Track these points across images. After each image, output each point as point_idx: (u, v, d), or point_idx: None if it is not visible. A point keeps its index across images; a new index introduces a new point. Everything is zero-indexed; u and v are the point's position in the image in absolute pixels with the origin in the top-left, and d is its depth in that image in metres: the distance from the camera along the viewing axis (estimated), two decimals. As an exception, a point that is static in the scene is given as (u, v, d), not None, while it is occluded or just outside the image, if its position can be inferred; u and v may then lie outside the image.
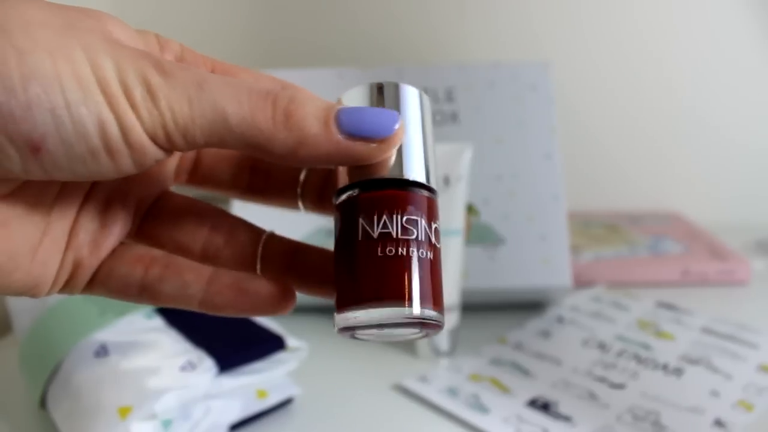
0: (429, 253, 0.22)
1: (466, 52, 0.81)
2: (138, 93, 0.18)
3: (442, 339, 0.48)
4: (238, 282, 0.23)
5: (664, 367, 0.46)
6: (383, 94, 0.22)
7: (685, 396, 0.42)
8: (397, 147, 0.21)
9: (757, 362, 0.47)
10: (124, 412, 0.34)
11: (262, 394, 0.40)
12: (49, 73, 0.17)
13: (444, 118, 0.59)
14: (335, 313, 0.22)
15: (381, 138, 0.20)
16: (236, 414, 0.39)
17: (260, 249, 0.25)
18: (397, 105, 0.22)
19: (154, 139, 0.19)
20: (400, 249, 0.21)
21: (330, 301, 0.23)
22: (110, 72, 0.18)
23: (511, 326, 0.54)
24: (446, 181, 0.47)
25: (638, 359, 0.48)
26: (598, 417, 0.40)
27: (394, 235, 0.21)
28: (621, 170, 0.84)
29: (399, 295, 0.21)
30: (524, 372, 0.46)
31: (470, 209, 0.55)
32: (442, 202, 0.47)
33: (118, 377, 0.36)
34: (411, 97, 0.23)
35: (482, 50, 0.81)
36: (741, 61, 0.80)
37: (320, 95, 0.22)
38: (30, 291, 0.21)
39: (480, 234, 0.55)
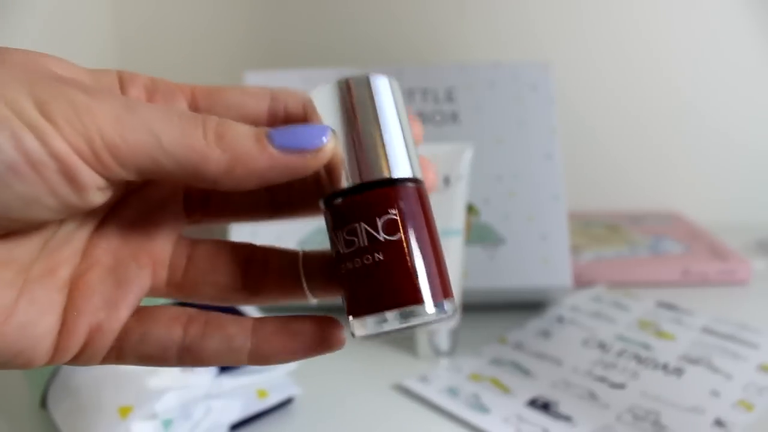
0: (425, 243, 0.22)
1: (466, 52, 0.81)
2: (56, 107, 0.18)
3: (443, 339, 0.48)
4: (283, 327, 0.23)
5: (665, 367, 0.46)
6: (351, 91, 0.22)
7: (685, 396, 0.42)
8: (329, 156, 0.21)
9: (758, 362, 0.47)
10: (125, 411, 0.35)
11: (262, 393, 0.40)
12: None
13: (444, 118, 0.59)
14: (351, 319, 0.22)
15: (314, 148, 0.20)
16: (237, 414, 0.39)
17: (302, 270, 0.24)
18: (369, 98, 0.22)
19: (80, 155, 0.18)
20: (387, 252, 0.21)
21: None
22: (23, 95, 0.17)
23: (512, 326, 0.54)
24: (446, 181, 0.47)
25: (638, 359, 0.48)
26: (598, 417, 0.40)
27: (381, 239, 0.21)
28: (621, 170, 0.84)
29: (411, 298, 0.21)
30: (524, 372, 0.46)
31: (470, 209, 0.55)
32: (442, 202, 0.47)
33: (119, 377, 0.36)
34: (382, 87, 0.23)
35: (482, 50, 0.81)
36: (741, 61, 0.80)
37: None
38: (14, 361, 0.20)
39: (480, 234, 0.55)
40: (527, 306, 0.57)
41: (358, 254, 0.21)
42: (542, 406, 0.42)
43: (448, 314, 0.22)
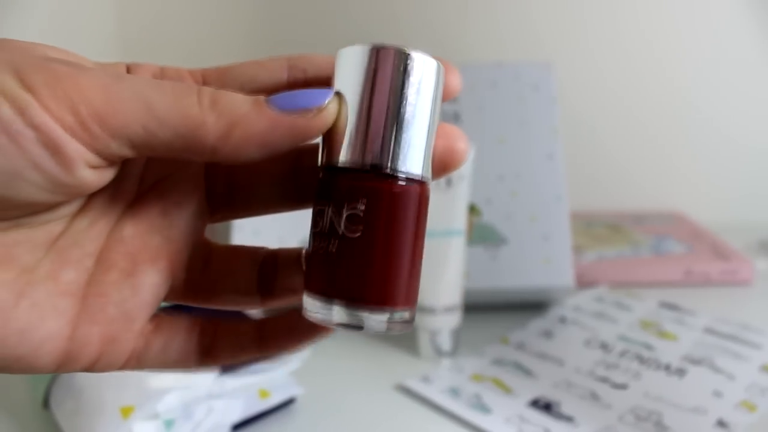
0: (394, 248, 0.20)
1: (468, 52, 0.80)
2: (37, 78, 0.17)
3: (444, 339, 0.48)
4: (283, 318, 0.23)
5: (667, 368, 0.46)
6: (379, 61, 0.20)
7: (687, 396, 0.42)
8: (333, 117, 0.19)
9: (760, 362, 0.47)
10: (127, 411, 0.35)
11: (264, 393, 0.40)
12: None
13: (446, 117, 0.59)
14: (305, 295, 0.21)
15: (315, 107, 0.19)
16: (238, 414, 0.39)
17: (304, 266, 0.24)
18: (396, 75, 0.20)
19: (63, 124, 0.17)
20: (342, 247, 0.20)
21: None
22: (4, 71, 0.17)
23: (514, 326, 0.54)
24: (448, 181, 0.47)
25: (641, 359, 0.48)
26: (600, 417, 0.40)
27: (339, 232, 0.20)
28: (624, 170, 0.84)
29: (359, 298, 0.20)
30: (526, 372, 0.46)
31: (472, 209, 0.55)
32: (444, 202, 0.47)
33: (121, 377, 0.36)
34: (416, 68, 0.20)
35: (485, 50, 0.80)
36: (744, 61, 0.79)
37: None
38: (15, 365, 0.19)
39: (482, 234, 0.55)
40: (529, 306, 0.57)
41: (318, 237, 0.20)
42: (544, 406, 0.42)
43: (400, 323, 0.20)
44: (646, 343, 0.50)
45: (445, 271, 0.47)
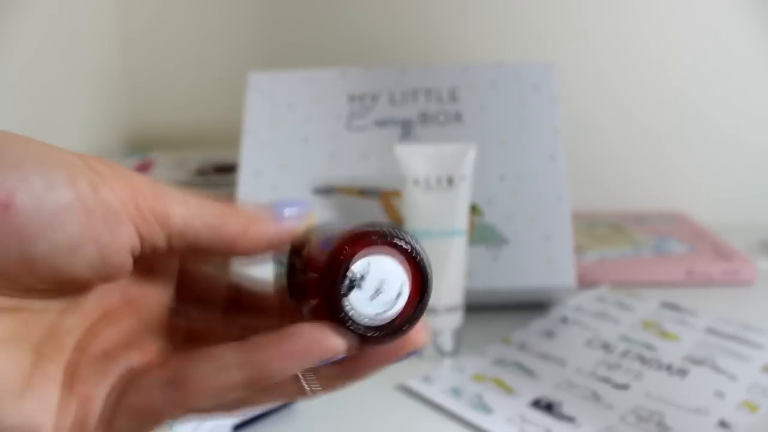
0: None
1: (469, 52, 0.80)
2: (102, 168, 0.20)
3: (446, 339, 0.48)
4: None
5: (669, 368, 0.46)
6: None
7: (689, 397, 0.42)
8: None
9: (762, 363, 0.47)
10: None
11: (265, 394, 0.40)
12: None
13: (447, 118, 0.59)
14: None
15: (307, 212, 0.24)
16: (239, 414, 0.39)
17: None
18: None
19: (126, 208, 0.20)
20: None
21: None
22: (75, 158, 0.20)
23: (515, 326, 0.54)
24: (450, 181, 0.47)
25: (642, 360, 0.48)
26: (601, 418, 0.40)
27: None
28: (625, 170, 0.83)
29: None
30: (528, 372, 0.46)
31: (474, 209, 0.55)
32: (445, 202, 0.47)
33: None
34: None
35: (486, 50, 0.80)
36: (746, 60, 0.79)
37: (324, 95, 0.23)
38: None
39: (483, 234, 0.55)
40: (531, 306, 0.57)
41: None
42: (546, 406, 0.42)
43: None
44: (647, 344, 0.50)
45: (446, 271, 0.47)
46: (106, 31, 0.82)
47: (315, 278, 0.21)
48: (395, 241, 0.21)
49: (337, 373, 0.22)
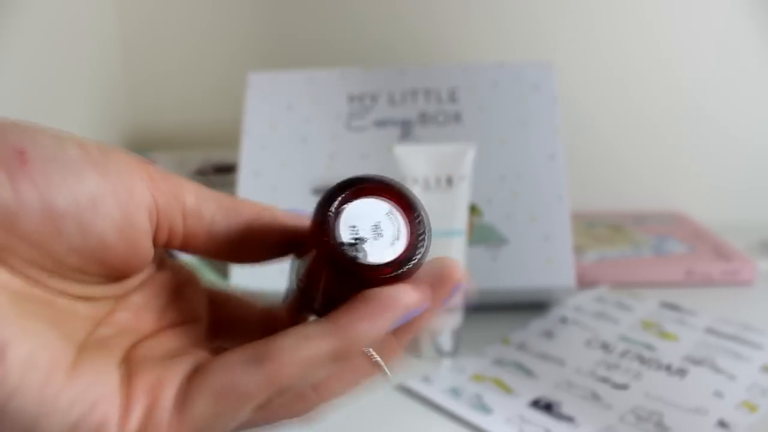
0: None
1: (469, 52, 0.80)
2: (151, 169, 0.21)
3: (445, 339, 0.48)
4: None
5: (668, 368, 0.46)
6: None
7: (688, 397, 0.42)
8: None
9: (762, 363, 0.47)
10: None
11: (265, 394, 0.40)
12: None
13: (447, 118, 0.59)
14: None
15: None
16: (239, 414, 0.39)
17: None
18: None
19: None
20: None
21: None
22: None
23: (514, 326, 0.54)
24: (449, 181, 0.47)
25: (642, 360, 0.48)
26: (601, 418, 0.40)
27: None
28: (625, 170, 0.83)
29: None
30: (527, 372, 0.46)
31: (473, 209, 0.55)
32: (444, 202, 0.47)
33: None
34: None
35: (486, 50, 0.80)
36: (746, 60, 0.79)
37: (324, 96, 0.23)
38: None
39: (483, 234, 0.55)
40: (530, 306, 0.57)
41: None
42: (545, 406, 0.42)
43: None
44: (647, 344, 0.50)
45: (445, 271, 0.47)
46: (106, 31, 0.83)
47: (313, 250, 0.21)
48: (365, 184, 0.21)
49: (396, 335, 0.22)
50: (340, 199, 0.21)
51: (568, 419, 0.40)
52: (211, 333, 0.25)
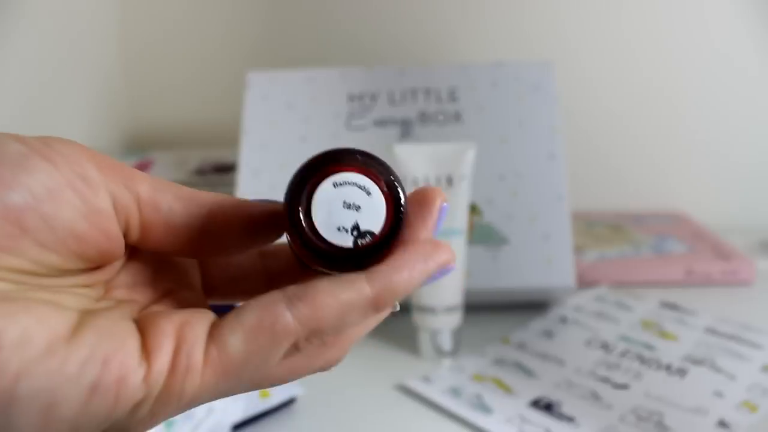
0: None
1: (469, 52, 0.80)
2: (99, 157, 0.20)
3: (445, 339, 0.48)
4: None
5: (668, 368, 0.46)
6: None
7: (688, 396, 0.42)
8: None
9: (762, 363, 0.47)
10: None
11: (264, 394, 0.40)
12: None
13: (447, 117, 0.59)
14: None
15: None
16: (239, 414, 0.39)
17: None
18: None
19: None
20: None
21: None
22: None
23: (514, 326, 0.53)
24: (449, 180, 0.47)
25: (642, 359, 0.48)
26: (601, 417, 0.40)
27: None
28: (625, 170, 0.83)
29: None
30: (527, 372, 0.46)
31: (473, 209, 0.55)
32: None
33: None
34: None
35: (485, 50, 0.80)
36: (745, 61, 0.79)
37: (323, 95, 0.22)
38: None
39: (483, 234, 0.55)
40: (530, 306, 0.57)
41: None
42: (545, 406, 0.42)
43: None
44: (647, 343, 0.50)
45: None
46: (106, 31, 0.82)
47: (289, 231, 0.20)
48: (324, 167, 0.20)
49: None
50: (305, 191, 0.20)
51: (568, 419, 0.40)
52: (211, 294, 0.25)
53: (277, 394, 0.41)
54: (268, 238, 0.23)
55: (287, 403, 0.42)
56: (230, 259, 0.25)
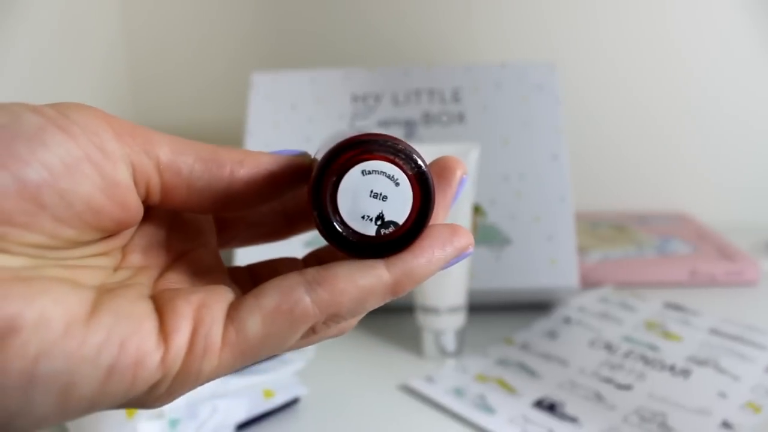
0: None
1: (472, 53, 0.80)
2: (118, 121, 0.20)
3: (449, 339, 0.48)
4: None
5: (672, 368, 0.46)
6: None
7: (692, 397, 0.42)
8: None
9: (766, 363, 0.47)
10: (132, 411, 0.35)
11: (268, 393, 0.40)
12: None
13: (451, 118, 0.59)
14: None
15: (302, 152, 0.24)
16: (243, 413, 0.39)
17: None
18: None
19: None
20: None
21: None
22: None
23: (518, 327, 0.54)
24: (452, 181, 0.47)
25: (645, 360, 0.47)
26: (604, 418, 0.40)
27: None
28: (628, 170, 0.83)
29: None
30: (531, 372, 0.46)
31: (477, 210, 0.55)
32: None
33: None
34: None
35: (489, 50, 0.80)
36: (750, 60, 0.79)
37: (327, 96, 0.22)
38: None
39: (486, 234, 0.55)
40: (534, 306, 0.57)
41: None
42: (548, 407, 0.42)
43: None
44: (650, 344, 0.50)
45: (449, 271, 0.47)
46: (109, 30, 0.83)
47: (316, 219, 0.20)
48: (364, 152, 0.20)
49: None
50: (333, 175, 0.20)
51: (572, 419, 0.40)
52: (231, 242, 0.25)
53: (281, 394, 0.41)
54: (292, 190, 0.23)
55: (291, 403, 0.42)
56: None
